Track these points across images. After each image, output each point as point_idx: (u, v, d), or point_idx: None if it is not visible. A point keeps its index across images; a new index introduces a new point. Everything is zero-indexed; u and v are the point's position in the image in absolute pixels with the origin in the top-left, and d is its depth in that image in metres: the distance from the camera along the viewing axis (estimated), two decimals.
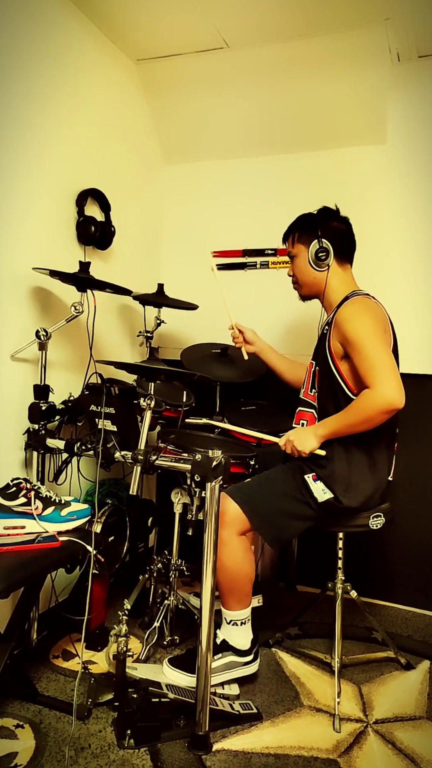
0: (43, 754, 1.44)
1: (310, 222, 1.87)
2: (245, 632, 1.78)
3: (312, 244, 1.83)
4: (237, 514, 1.70)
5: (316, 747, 1.54)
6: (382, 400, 1.58)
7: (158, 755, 1.47)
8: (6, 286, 1.83)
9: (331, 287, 1.85)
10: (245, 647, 1.76)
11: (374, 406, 1.60)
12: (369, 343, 1.64)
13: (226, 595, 1.75)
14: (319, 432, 1.71)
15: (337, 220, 1.87)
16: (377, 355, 1.62)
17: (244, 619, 1.77)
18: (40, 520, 1.55)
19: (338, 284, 1.84)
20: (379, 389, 1.59)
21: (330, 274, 1.84)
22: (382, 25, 2.08)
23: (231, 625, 1.76)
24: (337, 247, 1.83)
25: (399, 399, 1.58)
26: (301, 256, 1.88)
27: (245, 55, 2.31)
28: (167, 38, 2.27)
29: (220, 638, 1.77)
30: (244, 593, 1.75)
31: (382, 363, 1.61)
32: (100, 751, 1.48)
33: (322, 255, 1.82)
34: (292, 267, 1.94)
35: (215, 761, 1.47)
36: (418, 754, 1.52)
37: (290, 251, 1.93)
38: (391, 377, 1.59)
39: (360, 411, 1.63)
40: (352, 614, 2.21)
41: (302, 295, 1.96)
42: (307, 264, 1.86)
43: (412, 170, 2.38)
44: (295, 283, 1.95)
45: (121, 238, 2.36)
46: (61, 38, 2.01)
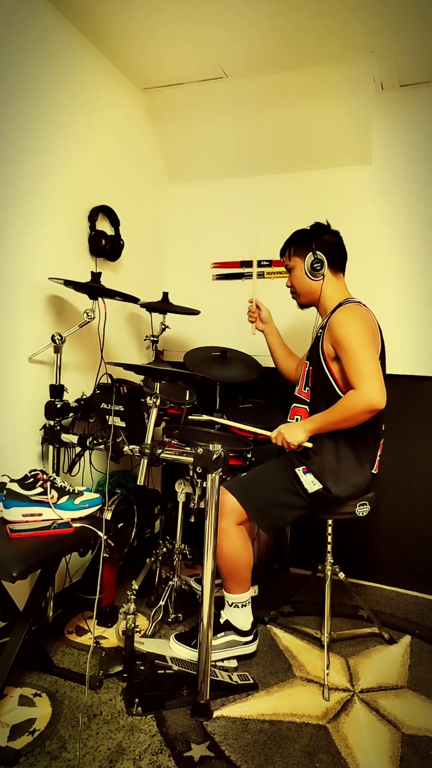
0: (58, 720, 1.45)
1: (304, 236, 1.88)
2: (246, 614, 1.78)
3: (307, 256, 1.84)
4: (234, 506, 1.71)
5: (307, 714, 1.55)
6: (365, 401, 1.59)
7: (163, 721, 1.49)
8: (25, 294, 1.84)
9: (326, 295, 1.86)
10: (246, 628, 1.77)
11: (357, 405, 1.61)
12: (357, 347, 1.65)
13: (227, 580, 1.76)
14: (307, 426, 1.72)
15: (329, 234, 1.88)
16: (364, 358, 1.63)
17: (244, 602, 1.77)
18: (55, 508, 1.56)
19: (332, 292, 1.85)
20: (363, 390, 1.60)
21: (325, 282, 1.85)
22: (367, 57, 2.09)
23: (233, 608, 1.77)
24: (331, 258, 1.84)
25: (380, 400, 1.59)
26: (298, 267, 1.89)
27: (242, 84, 2.32)
28: (171, 68, 2.27)
29: (223, 618, 1.78)
30: (244, 578, 1.76)
31: (367, 366, 1.62)
32: (110, 718, 1.49)
33: (317, 266, 1.83)
34: (290, 278, 1.94)
35: (215, 727, 1.48)
36: (399, 720, 1.53)
37: (287, 264, 1.93)
38: (375, 380, 1.60)
39: (344, 410, 1.64)
40: (340, 594, 2.22)
41: (300, 303, 1.97)
42: (303, 275, 1.87)
43: (394, 188, 2.39)
44: (294, 293, 1.96)
45: (129, 250, 2.37)
46: (74, 69, 2.02)
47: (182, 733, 1.44)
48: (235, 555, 1.73)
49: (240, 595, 1.77)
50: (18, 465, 1.80)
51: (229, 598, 1.78)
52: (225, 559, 1.72)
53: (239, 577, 1.75)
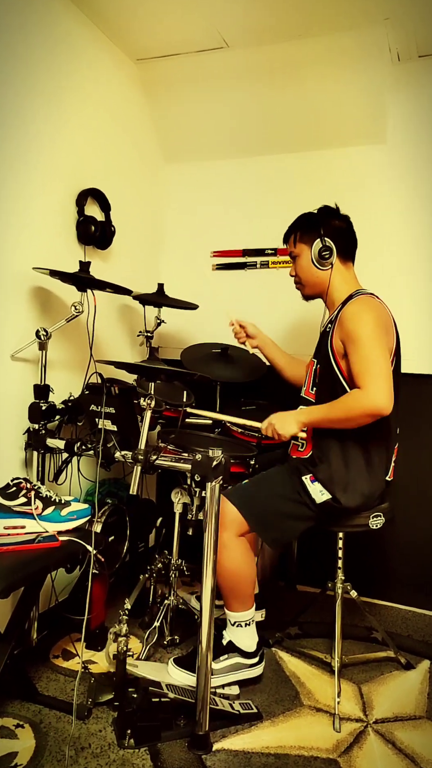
0: (43, 754, 1.44)
1: (311, 221, 1.86)
2: (250, 633, 1.78)
3: (315, 243, 1.82)
4: (235, 517, 1.70)
5: (316, 747, 1.54)
6: (370, 403, 1.59)
7: (158, 755, 1.47)
8: (6, 285, 1.83)
9: (334, 286, 1.84)
10: (251, 649, 1.77)
11: (360, 406, 1.60)
12: (368, 344, 1.64)
13: (229, 597, 1.75)
14: (301, 418, 1.72)
15: (339, 219, 1.86)
16: (374, 357, 1.63)
17: (248, 620, 1.77)
18: (40, 519, 1.55)
19: (341, 283, 1.84)
20: (369, 391, 1.59)
21: (333, 272, 1.83)
22: (382, 25, 2.08)
23: (236, 627, 1.77)
24: (340, 245, 1.82)
25: (386, 405, 1.58)
26: (303, 255, 1.87)
27: (245, 55, 2.31)
28: (167, 38, 2.26)
29: (226, 639, 1.77)
30: (246, 594, 1.75)
31: (376, 366, 1.61)
32: (100, 751, 1.48)
33: (326, 254, 1.81)
34: (295, 267, 1.92)
35: (215, 761, 1.47)
36: (418, 754, 1.52)
37: (292, 251, 1.91)
38: (383, 382, 1.60)
39: (345, 408, 1.64)
40: (352, 614, 2.21)
41: (305, 294, 1.95)
42: (310, 263, 1.85)
43: (411, 170, 2.38)
44: (298, 283, 1.94)
45: (121, 237, 2.36)
46: (61, 37, 2.01)
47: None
48: (236, 569, 1.72)
49: (243, 613, 1.76)
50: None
51: (231, 617, 1.77)
52: (225, 574, 1.71)
53: (241, 593, 1.75)
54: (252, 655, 1.77)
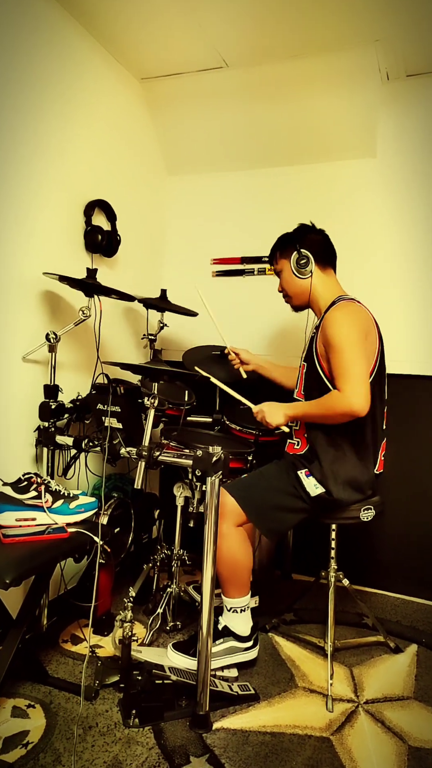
0: (53, 733, 1.45)
1: (288, 238, 1.91)
2: (245, 619, 1.78)
3: (293, 255, 1.86)
4: (234, 507, 1.71)
5: (310, 725, 1.54)
6: (347, 405, 1.61)
7: (161, 733, 1.48)
8: (18, 290, 1.84)
9: (317, 292, 1.86)
10: (245, 633, 1.77)
11: (338, 407, 1.63)
12: (347, 348, 1.66)
13: (226, 583, 1.76)
14: (288, 412, 1.77)
15: (314, 233, 1.90)
16: (351, 361, 1.65)
17: (243, 606, 1.77)
18: (49, 512, 1.55)
19: (324, 289, 1.86)
20: (347, 393, 1.62)
21: (314, 279, 1.86)
22: (372, 46, 2.09)
23: (231, 612, 1.77)
24: (316, 253, 1.86)
25: (362, 407, 1.61)
26: (285, 269, 1.91)
27: (243, 74, 2.31)
28: (170, 58, 2.27)
29: (222, 624, 1.78)
30: (243, 581, 1.76)
31: (354, 370, 1.64)
32: (106, 730, 1.48)
33: (303, 261, 1.84)
34: (281, 282, 1.95)
35: (215, 739, 1.48)
36: (405, 732, 1.53)
37: (275, 268, 1.96)
38: (360, 385, 1.62)
39: (324, 407, 1.67)
40: (344, 601, 2.21)
41: (294, 306, 1.97)
42: (291, 275, 1.88)
43: (400, 182, 2.38)
44: (286, 297, 1.97)
45: (126, 246, 2.37)
46: (70, 58, 2.02)
47: (181, 746, 1.44)
48: (234, 557, 1.73)
49: (239, 599, 1.76)
50: (11, 468, 1.80)
51: (227, 603, 1.77)
52: (223, 561, 1.72)
53: (238, 580, 1.75)
54: (246, 639, 1.77)
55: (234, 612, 1.77)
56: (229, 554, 1.71)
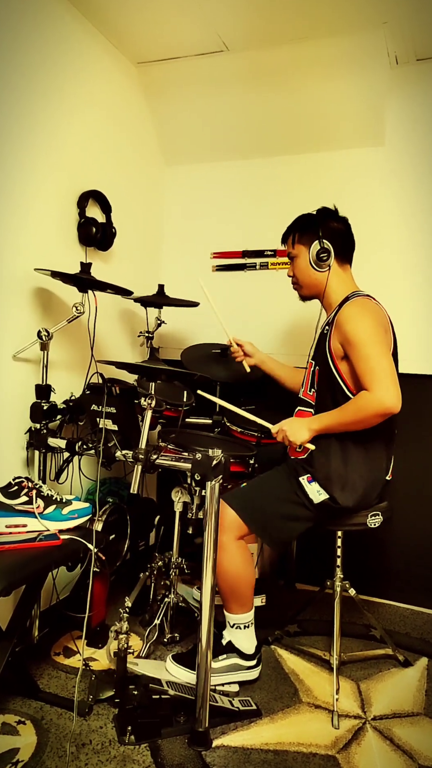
0: (44, 750, 1.44)
1: (310, 222, 1.85)
2: (249, 636, 1.78)
3: (313, 244, 1.82)
4: (234, 520, 1.71)
5: (314, 743, 1.54)
6: (379, 404, 1.58)
7: (158, 751, 1.48)
8: (8, 286, 1.83)
9: (331, 288, 1.83)
10: (250, 651, 1.77)
11: (371, 408, 1.60)
12: (369, 345, 1.64)
13: (228, 599, 1.75)
14: (313, 426, 1.71)
15: (337, 221, 1.85)
16: (377, 357, 1.62)
17: (247, 623, 1.77)
18: (41, 518, 1.55)
19: (338, 285, 1.83)
20: (377, 392, 1.59)
21: (331, 274, 1.83)
22: (381, 29, 2.08)
23: (235, 629, 1.77)
24: (338, 247, 1.82)
25: (396, 404, 1.58)
26: (301, 256, 1.86)
27: (245, 58, 2.31)
28: (167, 41, 2.27)
29: (226, 639, 1.77)
30: (246, 597, 1.76)
31: (381, 366, 1.61)
32: (101, 747, 1.48)
33: (324, 255, 1.80)
34: (293, 267, 1.92)
35: (215, 757, 1.47)
36: (416, 750, 1.52)
37: (290, 252, 1.91)
38: (390, 381, 1.59)
39: (356, 411, 1.63)
40: (351, 612, 2.21)
41: (302, 295, 1.95)
42: (308, 265, 1.85)
43: (410, 172, 2.38)
44: (295, 284, 1.94)
45: (121, 239, 2.37)
46: (63, 41, 2.01)
47: (179, 764, 1.43)
48: (235, 572, 1.72)
49: (242, 615, 1.76)
50: (1, 472, 1.80)
51: (230, 619, 1.77)
52: (225, 577, 1.71)
53: (241, 596, 1.75)
54: (251, 657, 1.77)
55: (237, 628, 1.77)
56: (229, 569, 1.71)
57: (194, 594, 2.11)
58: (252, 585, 1.77)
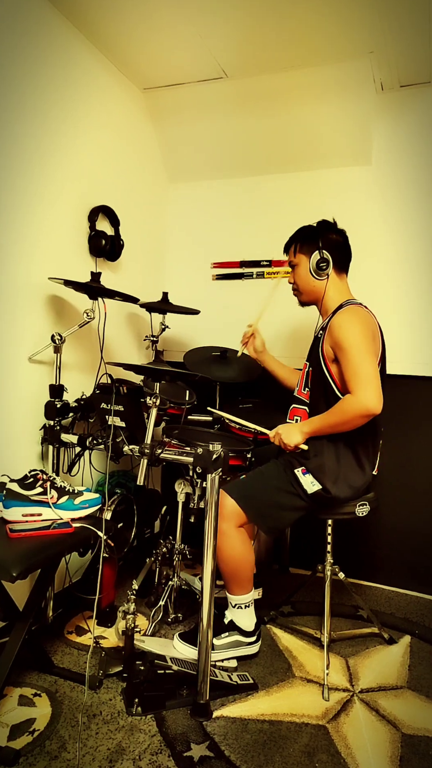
0: (58, 720, 1.46)
1: (311, 234, 1.85)
2: (250, 614, 1.79)
3: (313, 255, 1.82)
4: (234, 509, 1.71)
5: (306, 714, 1.55)
6: (361, 406, 1.60)
7: (163, 721, 1.49)
8: (24, 294, 1.84)
9: (328, 295, 1.84)
10: (250, 628, 1.78)
11: (353, 410, 1.61)
12: (356, 350, 1.65)
13: (230, 581, 1.76)
14: (304, 429, 1.73)
15: (336, 233, 1.86)
16: (362, 363, 1.63)
17: (248, 602, 1.78)
18: (55, 508, 1.56)
19: (335, 293, 1.84)
20: (359, 396, 1.60)
21: (329, 283, 1.83)
22: (367, 58, 2.09)
23: (236, 608, 1.78)
24: (336, 258, 1.83)
25: (376, 406, 1.59)
26: (302, 265, 1.86)
27: (242, 84, 2.32)
28: (172, 69, 2.28)
29: (227, 618, 1.78)
30: (246, 579, 1.76)
31: (365, 371, 1.62)
32: (110, 718, 1.49)
33: (323, 265, 1.81)
34: (293, 275, 1.92)
35: (215, 727, 1.48)
36: (399, 720, 1.53)
37: (292, 260, 1.91)
38: (372, 385, 1.60)
39: (340, 414, 1.65)
40: (340, 594, 2.22)
41: (302, 301, 1.95)
42: (308, 273, 1.85)
43: (395, 189, 2.39)
44: (296, 290, 1.94)
45: (129, 250, 2.37)
46: (73, 68, 2.02)
47: (182, 733, 1.44)
48: (236, 557, 1.73)
49: (243, 596, 1.77)
50: (18, 465, 1.81)
51: (232, 600, 1.78)
52: (227, 561, 1.72)
53: (242, 578, 1.76)
54: (250, 634, 1.78)
55: (239, 608, 1.77)
56: (231, 554, 1.72)
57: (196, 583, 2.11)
58: (252, 568, 1.78)
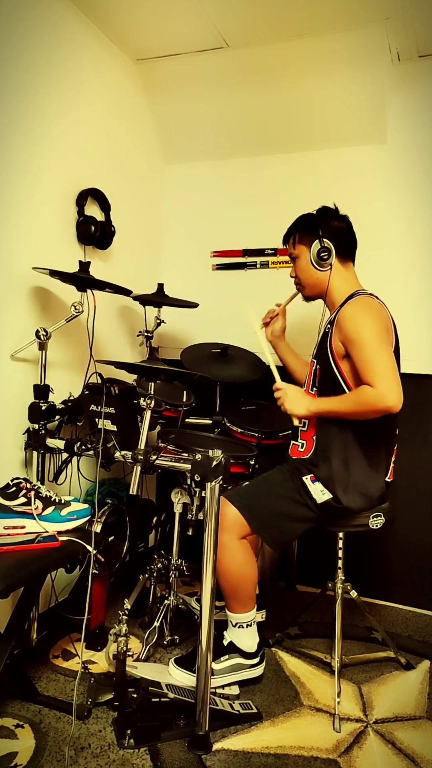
0: (43, 754, 1.44)
1: (310, 222, 1.85)
2: (251, 634, 1.78)
3: (313, 244, 1.82)
4: (236, 518, 1.70)
5: (316, 747, 1.54)
6: (381, 401, 1.59)
7: (158, 755, 1.47)
8: (6, 285, 1.83)
9: (333, 286, 1.84)
10: (252, 649, 1.77)
11: (372, 403, 1.60)
12: (370, 343, 1.64)
13: (230, 598, 1.75)
14: (312, 407, 1.74)
15: (337, 219, 1.86)
16: (378, 355, 1.62)
17: (249, 621, 1.77)
18: (40, 519, 1.55)
19: (341, 283, 1.83)
20: (380, 388, 1.59)
21: (333, 273, 1.83)
22: (382, 25, 2.08)
23: (237, 628, 1.77)
24: (339, 246, 1.82)
25: (397, 402, 1.58)
26: (303, 257, 1.87)
27: (245, 55, 2.31)
28: (167, 38, 2.27)
29: (227, 640, 1.77)
30: (248, 596, 1.76)
31: (383, 363, 1.61)
32: (100, 751, 1.48)
33: (325, 255, 1.81)
34: (294, 268, 1.92)
35: (215, 761, 1.47)
36: (418, 754, 1.52)
37: (291, 252, 1.91)
38: (392, 379, 1.59)
39: (356, 403, 1.64)
40: (352, 614, 2.21)
41: (306, 295, 1.95)
42: (309, 265, 1.85)
43: (411, 170, 2.38)
44: (298, 284, 1.94)
45: (120, 237, 2.36)
46: (61, 37, 2.01)
47: None
48: (238, 572, 1.72)
49: (244, 614, 1.76)
50: None
51: (232, 618, 1.77)
52: (227, 576, 1.71)
53: (243, 595, 1.75)
54: (253, 655, 1.77)
55: (239, 627, 1.76)
56: (232, 569, 1.70)
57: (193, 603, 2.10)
58: (254, 584, 1.77)
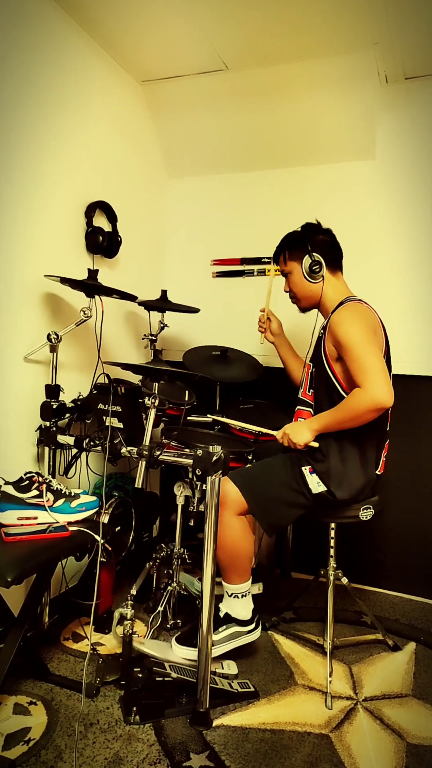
0: (54, 729, 1.45)
1: (297, 239, 1.88)
2: (246, 603, 1.78)
3: (304, 259, 1.84)
4: (236, 497, 1.71)
5: (309, 723, 1.54)
6: (371, 400, 1.59)
7: (162, 730, 1.48)
8: (20, 292, 1.84)
9: (326, 296, 1.85)
10: (247, 617, 1.77)
11: (363, 404, 1.61)
12: (359, 345, 1.65)
13: (227, 569, 1.76)
14: (313, 426, 1.73)
15: (322, 233, 1.88)
16: (367, 357, 1.63)
17: (244, 592, 1.77)
18: (51, 511, 1.55)
19: (332, 292, 1.85)
20: (369, 389, 1.60)
21: (325, 283, 1.85)
22: (371, 49, 2.09)
23: (232, 598, 1.77)
24: (327, 257, 1.84)
25: (387, 399, 1.59)
26: (295, 272, 1.88)
27: (244, 77, 2.32)
28: (171, 61, 2.27)
29: (223, 611, 1.77)
30: (244, 568, 1.76)
31: (371, 364, 1.62)
32: (107, 727, 1.48)
33: (316, 268, 1.82)
34: (288, 283, 1.94)
35: (215, 736, 1.48)
36: (404, 729, 1.53)
37: (284, 269, 1.93)
38: (380, 378, 1.60)
39: (350, 409, 1.64)
40: (343, 599, 2.21)
41: (301, 307, 1.97)
42: (302, 279, 1.87)
43: (399, 184, 2.39)
44: (293, 298, 1.96)
45: (127, 247, 2.37)
46: (72, 61, 2.02)
47: (181, 743, 1.44)
48: (234, 544, 1.73)
49: (240, 585, 1.76)
50: (13, 467, 1.80)
51: (228, 589, 1.77)
52: (225, 549, 1.71)
53: (239, 566, 1.75)
54: (248, 622, 1.77)
55: (235, 597, 1.77)
56: (230, 542, 1.71)
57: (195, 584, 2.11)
58: (250, 556, 1.77)
